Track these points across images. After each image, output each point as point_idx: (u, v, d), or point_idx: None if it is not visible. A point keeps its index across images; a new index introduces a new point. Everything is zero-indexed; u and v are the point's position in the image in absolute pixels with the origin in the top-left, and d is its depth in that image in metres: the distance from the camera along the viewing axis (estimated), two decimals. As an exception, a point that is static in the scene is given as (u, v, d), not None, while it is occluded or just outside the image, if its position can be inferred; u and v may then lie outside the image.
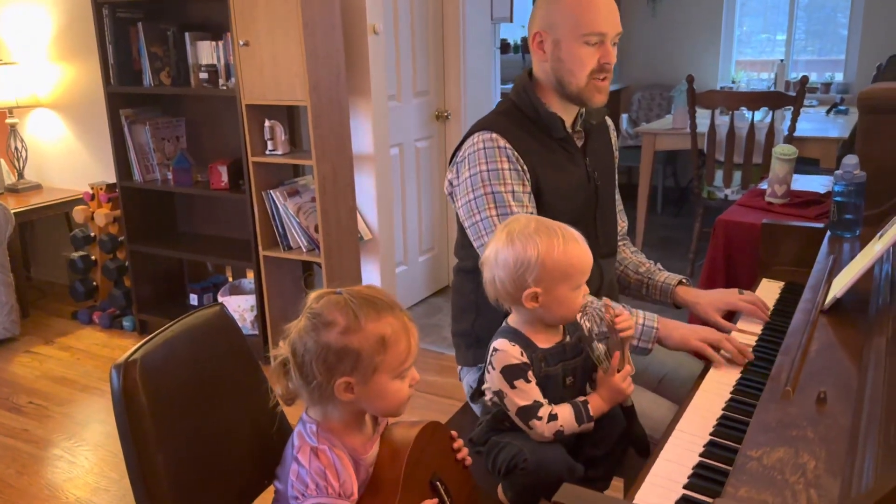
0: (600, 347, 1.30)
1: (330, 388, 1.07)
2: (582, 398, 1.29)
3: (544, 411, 1.26)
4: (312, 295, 1.10)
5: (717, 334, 1.47)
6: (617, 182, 1.84)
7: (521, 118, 1.60)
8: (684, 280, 1.76)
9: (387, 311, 1.08)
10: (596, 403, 1.29)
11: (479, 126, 1.58)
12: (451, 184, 1.62)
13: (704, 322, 1.67)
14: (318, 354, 1.06)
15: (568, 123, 1.62)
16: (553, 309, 1.28)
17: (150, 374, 1.14)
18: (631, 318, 1.33)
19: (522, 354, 1.28)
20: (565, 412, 1.27)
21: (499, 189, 1.51)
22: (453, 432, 1.28)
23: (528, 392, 1.27)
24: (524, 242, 1.25)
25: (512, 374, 1.27)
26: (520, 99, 1.61)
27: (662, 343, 1.52)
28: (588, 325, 1.30)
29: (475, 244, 1.56)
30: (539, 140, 1.58)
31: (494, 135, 1.53)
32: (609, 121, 1.80)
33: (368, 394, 1.08)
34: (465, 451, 1.28)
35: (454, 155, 1.61)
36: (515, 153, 1.53)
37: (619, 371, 1.30)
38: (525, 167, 1.54)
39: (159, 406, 1.14)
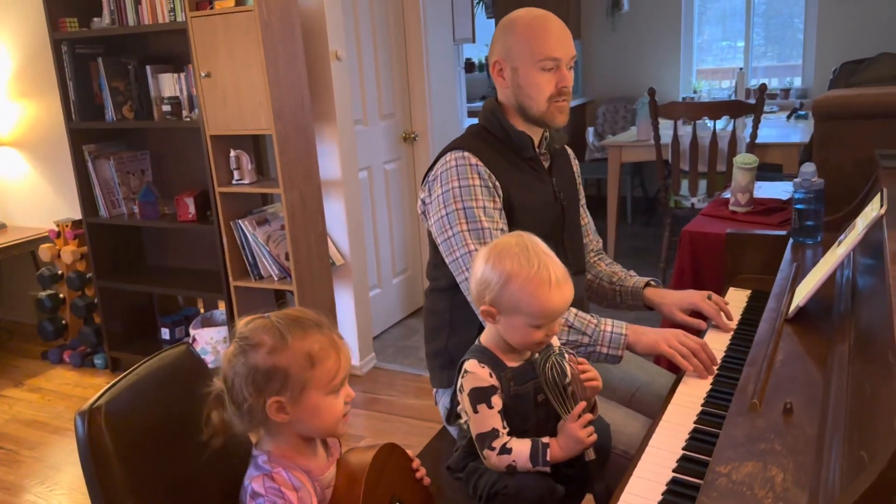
0: (547, 367, 1.28)
1: (262, 409, 1.07)
2: (546, 439, 1.26)
3: (498, 442, 1.25)
4: (241, 322, 1.11)
5: (685, 345, 1.46)
6: (585, 205, 1.89)
7: (491, 139, 1.64)
8: (653, 282, 1.79)
9: (313, 328, 1.09)
10: (553, 448, 1.24)
11: (451, 146, 1.62)
12: (423, 202, 1.64)
13: (670, 320, 1.70)
14: (247, 377, 1.06)
15: (535, 142, 1.67)
16: (508, 333, 1.27)
17: (116, 420, 1.12)
18: (594, 370, 1.31)
19: (491, 376, 1.26)
20: (523, 449, 1.24)
21: (470, 205, 1.53)
22: (409, 451, 1.27)
23: (487, 419, 1.25)
24: (495, 261, 1.24)
25: (477, 397, 1.26)
26: (489, 122, 1.65)
27: (632, 349, 1.53)
28: (550, 375, 1.27)
29: (447, 260, 1.57)
30: (509, 159, 1.62)
31: (466, 153, 1.57)
32: (570, 150, 1.85)
33: (302, 413, 1.09)
34: (423, 470, 1.27)
35: (427, 175, 1.64)
36: (487, 170, 1.56)
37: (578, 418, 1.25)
38: (497, 184, 1.57)
39: (127, 452, 1.12)
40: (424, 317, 1.77)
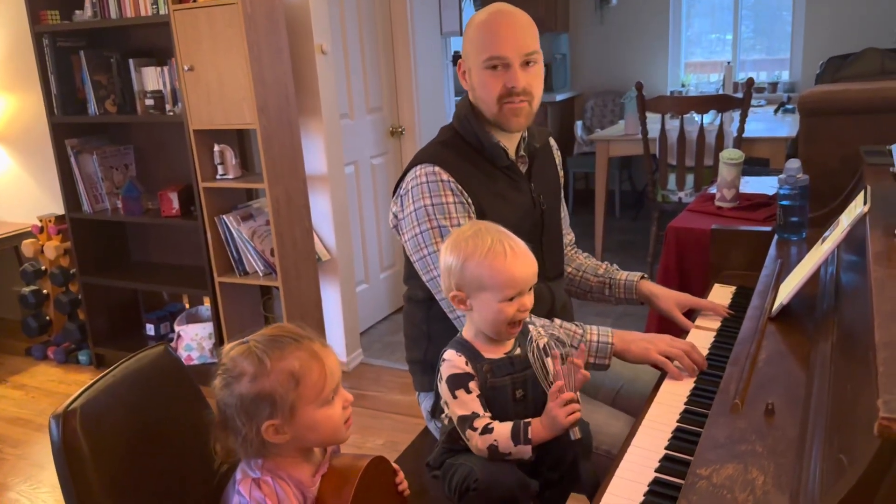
0: (548, 362, 1.27)
1: (259, 436, 1.06)
2: (528, 420, 1.25)
3: (480, 423, 1.25)
4: (224, 349, 1.10)
5: (676, 347, 1.46)
6: (563, 199, 1.85)
7: (463, 148, 1.58)
8: (645, 276, 1.80)
9: (291, 345, 1.08)
10: (535, 428, 1.23)
11: (421, 158, 1.56)
12: (395, 216, 1.60)
13: (666, 315, 1.71)
14: (237, 407, 1.06)
15: (511, 149, 1.61)
16: (481, 316, 1.27)
17: (92, 423, 1.10)
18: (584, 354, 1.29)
19: (467, 364, 1.27)
20: (503, 429, 1.24)
21: (444, 223, 1.50)
22: (395, 465, 1.27)
23: (467, 402, 1.26)
24: (453, 247, 1.27)
25: (455, 383, 1.27)
26: (462, 128, 1.59)
27: (621, 357, 1.52)
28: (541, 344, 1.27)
29: (424, 278, 1.55)
30: (482, 170, 1.57)
31: (437, 168, 1.52)
32: (553, 141, 1.80)
33: (300, 429, 1.08)
34: (405, 483, 1.27)
35: (397, 186, 1.59)
36: (458, 185, 1.52)
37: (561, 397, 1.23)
38: (469, 200, 1.53)
39: (102, 455, 1.10)
40: (403, 322, 1.75)
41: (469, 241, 1.26)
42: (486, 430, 1.24)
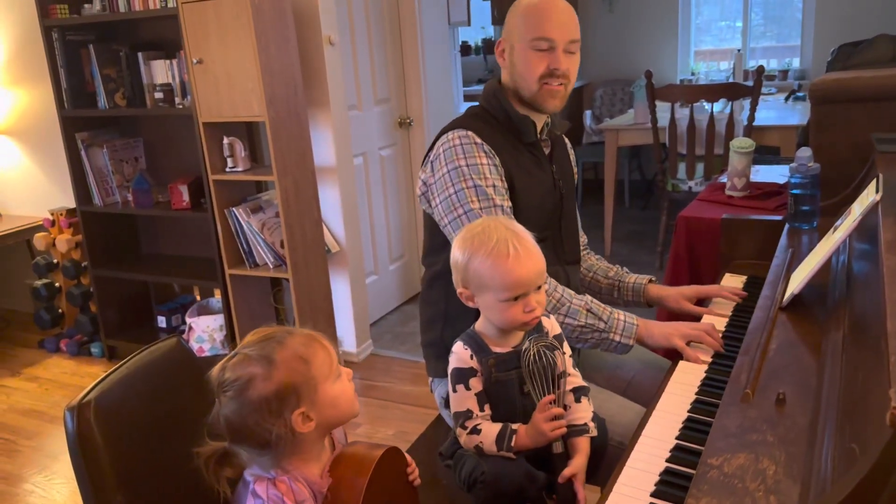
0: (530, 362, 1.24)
1: (290, 430, 1.06)
2: (516, 425, 1.25)
3: (471, 423, 1.26)
4: (213, 371, 1.08)
5: (697, 330, 1.48)
6: (576, 200, 1.87)
7: (491, 121, 1.61)
8: (653, 279, 1.81)
9: (284, 335, 1.09)
10: (520, 436, 1.23)
11: (452, 126, 1.58)
12: (424, 183, 1.60)
13: (676, 310, 1.72)
14: (260, 411, 1.04)
15: (538, 127, 1.64)
16: (488, 313, 1.27)
17: (106, 415, 1.11)
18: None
19: (472, 359, 1.27)
20: (491, 432, 1.25)
21: (480, 183, 1.50)
22: (408, 456, 1.28)
23: (463, 399, 1.26)
24: (461, 242, 1.26)
25: (456, 377, 1.27)
26: (490, 104, 1.62)
27: (643, 341, 1.54)
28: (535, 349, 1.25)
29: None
30: (510, 143, 1.59)
31: (470, 132, 1.54)
32: (566, 140, 1.82)
33: (324, 409, 1.09)
34: (416, 472, 1.27)
35: (427, 154, 1.61)
36: (491, 149, 1.54)
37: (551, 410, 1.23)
38: (499, 164, 1.55)
39: (116, 446, 1.12)
40: (420, 307, 1.75)
41: (475, 238, 1.24)
42: (475, 430, 1.25)
